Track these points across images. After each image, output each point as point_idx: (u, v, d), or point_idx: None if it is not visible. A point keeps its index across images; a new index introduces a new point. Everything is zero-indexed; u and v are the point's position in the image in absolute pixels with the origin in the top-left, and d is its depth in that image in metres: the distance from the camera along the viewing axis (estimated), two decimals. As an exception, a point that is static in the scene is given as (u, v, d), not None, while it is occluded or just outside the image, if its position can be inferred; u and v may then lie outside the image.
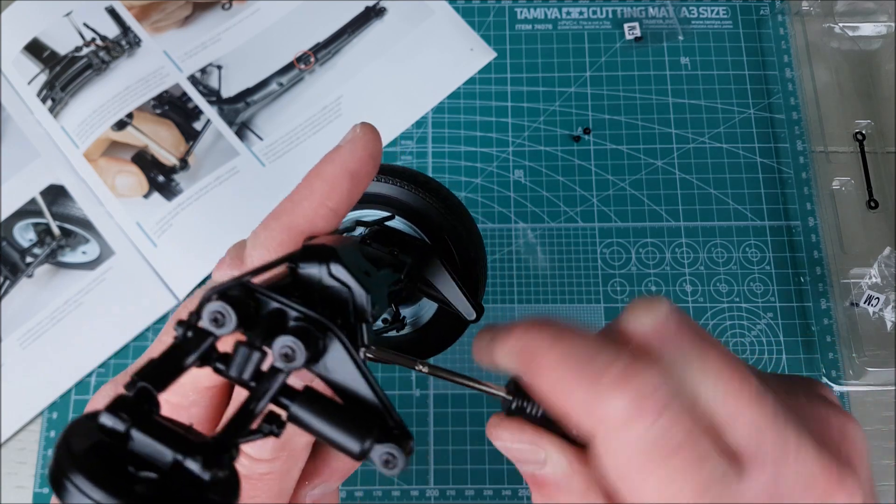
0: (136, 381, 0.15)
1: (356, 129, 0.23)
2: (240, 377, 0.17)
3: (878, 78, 0.53)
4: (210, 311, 0.17)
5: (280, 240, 0.21)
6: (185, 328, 0.17)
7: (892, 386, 0.47)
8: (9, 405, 0.48)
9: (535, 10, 0.56)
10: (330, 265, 0.19)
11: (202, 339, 0.17)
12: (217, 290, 0.17)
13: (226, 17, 0.56)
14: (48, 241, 0.51)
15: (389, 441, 0.17)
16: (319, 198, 0.22)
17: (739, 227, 0.50)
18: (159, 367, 0.16)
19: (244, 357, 0.17)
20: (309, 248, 0.20)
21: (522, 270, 0.50)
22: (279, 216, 0.22)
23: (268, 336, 0.17)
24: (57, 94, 0.54)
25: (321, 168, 0.22)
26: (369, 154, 0.23)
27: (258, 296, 0.18)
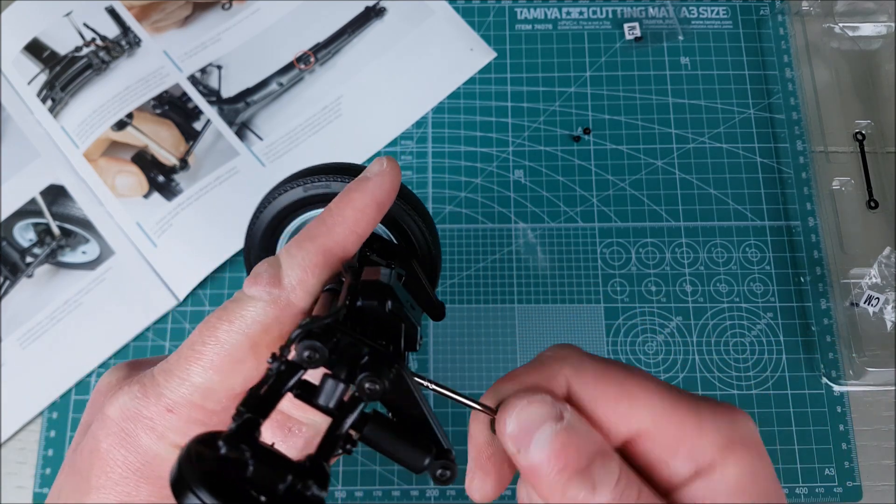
0: (243, 413, 0.17)
1: (383, 162, 0.26)
2: (326, 406, 0.19)
3: (878, 78, 0.53)
4: (305, 349, 0.19)
5: (316, 261, 0.23)
6: (279, 362, 0.19)
7: (892, 386, 0.47)
8: (9, 405, 0.48)
9: (535, 10, 0.56)
10: (388, 302, 0.22)
11: (294, 372, 0.19)
12: (311, 329, 0.19)
13: (226, 17, 0.56)
14: (48, 241, 0.51)
15: (443, 458, 0.20)
16: (351, 224, 0.24)
17: (739, 227, 0.50)
18: (260, 399, 0.18)
19: (332, 389, 0.19)
20: (368, 284, 0.22)
21: (522, 270, 0.50)
22: (314, 238, 0.24)
23: (351, 371, 0.19)
24: (57, 94, 0.54)
25: (352, 197, 0.25)
26: (394, 187, 0.25)
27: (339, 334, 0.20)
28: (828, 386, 0.47)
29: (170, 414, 0.22)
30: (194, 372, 0.22)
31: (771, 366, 0.48)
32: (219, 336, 0.22)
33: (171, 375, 0.22)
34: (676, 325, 0.48)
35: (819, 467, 0.45)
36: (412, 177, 0.52)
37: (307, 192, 0.30)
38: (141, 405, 0.22)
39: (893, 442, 0.46)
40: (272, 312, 0.22)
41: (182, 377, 0.22)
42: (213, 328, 0.22)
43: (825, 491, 0.45)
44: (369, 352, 0.20)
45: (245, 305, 0.23)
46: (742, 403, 0.47)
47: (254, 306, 0.22)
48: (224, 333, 0.22)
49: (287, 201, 0.30)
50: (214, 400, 0.22)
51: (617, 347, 0.48)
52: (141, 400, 0.22)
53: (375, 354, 0.20)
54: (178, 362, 0.23)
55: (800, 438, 0.46)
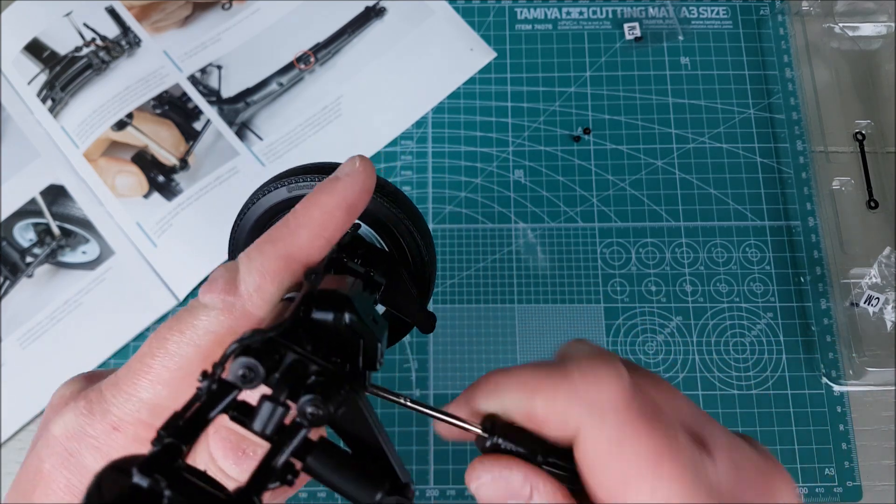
0: (164, 437, 0.15)
1: (355, 162, 0.23)
2: (263, 431, 0.17)
3: (878, 78, 0.53)
4: (240, 367, 0.17)
5: (276, 267, 0.21)
6: (210, 381, 0.17)
7: (892, 386, 0.47)
8: (9, 405, 0.48)
9: (535, 10, 0.56)
10: (345, 314, 0.20)
11: (226, 392, 0.17)
12: (244, 344, 0.17)
13: (226, 17, 0.56)
14: (48, 241, 0.51)
15: (397, 493, 0.18)
16: (317, 228, 0.22)
17: (739, 227, 0.50)
18: (185, 422, 0.16)
19: (269, 412, 0.17)
20: (325, 294, 0.20)
21: (522, 270, 0.50)
22: (275, 242, 0.22)
23: (293, 392, 0.17)
24: (57, 94, 0.54)
25: (319, 198, 0.22)
26: (366, 189, 0.23)
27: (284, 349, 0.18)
28: (828, 386, 0.47)
29: (115, 432, 0.21)
30: (142, 387, 0.21)
31: (771, 366, 0.48)
32: (168, 348, 0.21)
33: (119, 390, 0.21)
34: (676, 325, 0.48)
35: (819, 467, 0.45)
36: (412, 177, 0.52)
37: (291, 192, 0.28)
38: (86, 423, 0.21)
39: (893, 442, 0.46)
40: (226, 322, 0.21)
41: (129, 392, 0.21)
42: (163, 339, 0.21)
43: (825, 491, 0.45)
44: (317, 370, 0.18)
45: (197, 314, 0.21)
46: (742, 403, 0.47)
47: (206, 315, 0.21)
48: (174, 345, 0.21)
49: (271, 202, 0.29)
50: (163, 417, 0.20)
51: (617, 347, 0.48)
52: (86, 417, 0.21)
53: (324, 374, 0.18)
54: (126, 376, 0.21)
55: (800, 438, 0.46)
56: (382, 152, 0.53)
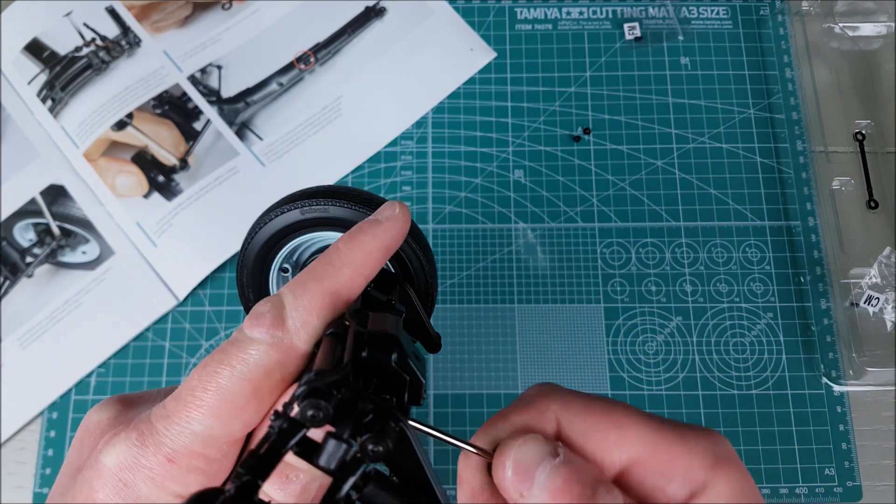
0: (242, 475, 0.17)
1: (395, 208, 0.25)
2: (327, 467, 0.18)
3: (878, 78, 0.53)
4: (310, 407, 0.18)
5: (322, 303, 0.23)
6: (282, 420, 0.18)
7: (892, 386, 0.47)
8: (9, 405, 0.48)
9: (535, 10, 0.56)
10: (393, 354, 0.21)
11: (296, 430, 0.18)
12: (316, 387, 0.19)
13: (226, 17, 0.56)
14: (48, 241, 0.51)
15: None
16: (359, 267, 0.23)
17: (739, 227, 0.50)
18: (261, 460, 0.17)
19: (334, 450, 0.18)
20: (375, 336, 0.22)
21: (522, 270, 0.50)
22: (321, 279, 0.23)
23: (355, 429, 0.19)
24: (57, 94, 0.54)
25: (361, 239, 0.24)
26: (404, 234, 0.25)
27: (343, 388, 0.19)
28: (828, 386, 0.47)
29: (170, 464, 0.21)
30: (195, 419, 0.21)
31: (771, 366, 0.48)
32: (220, 382, 0.21)
33: (171, 423, 0.21)
34: (676, 325, 0.48)
35: (819, 467, 0.45)
36: (412, 177, 0.52)
37: (304, 214, 0.29)
38: (140, 454, 0.21)
39: (893, 442, 0.46)
40: (275, 356, 0.22)
41: (182, 425, 0.21)
42: (213, 373, 0.22)
43: (825, 491, 0.45)
44: (373, 409, 0.19)
45: (246, 348, 0.22)
46: (742, 403, 0.47)
47: (256, 349, 0.22)
48: (225, 379, 0.21)
49: (283, 223, 0.30)
50: (215, 448, 0.22)
51: (617, 347, 0.48)
52: (139, 449, 0.21)
53: (379, 412, 0.19)
54: (177, 409, 0.22)
55: (800, 438, 0.46)
56: (382, 152, 0.53)
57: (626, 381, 0.47)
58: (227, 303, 0.50)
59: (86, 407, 0.48)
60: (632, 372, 0.47)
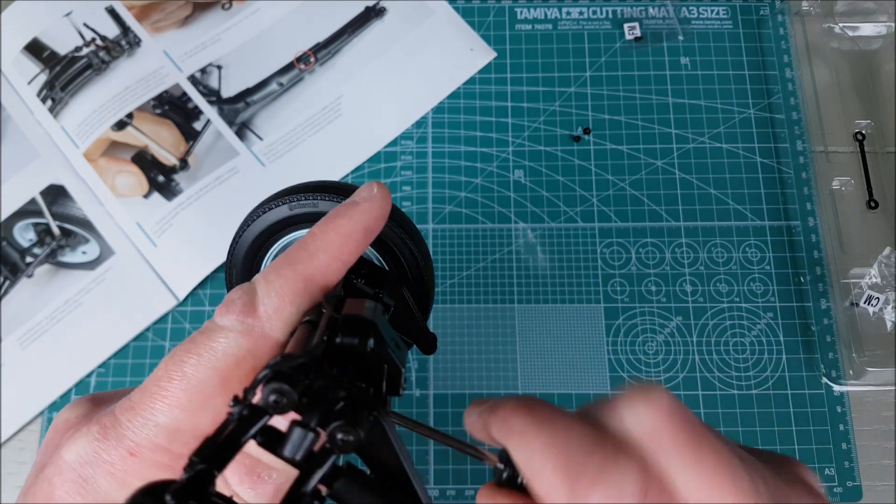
0: (196, 463, 0.15)
1: (373, 188, 0.24)
2: (293, 458, 0.17)
3: (878, 78, 0.53)
4: (272, 392, 0.17)
5: (296, 289, 0.22)
6: (241, 406, 0.17)
7: (892, 386, 0.47)
8: (9, 405, 0.48)
9: (535, 10, 0.56)
10: (370, 340, 0.20)
11: (258, 417, 0.17)
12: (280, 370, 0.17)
13: (226, 17, 0.56)
14: (48, 241, 0.51)
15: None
16: (335, 251, 0.22)
17: (739, 227, 0.50)
18: (218, 447, 0.16)
19: (300, 439, 0.17)
20: (350, 319, 0.20)
21: (522, 270, 0.50)
22: (294, 264, 0.22)
23: (324, 417, 0.17)
24: (57, 94, 0.54)
25: (337, 222, 0.23)
26: (383, 214, 0.23)
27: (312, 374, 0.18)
28: (828, 386, 0.47)
29: (132, 457, 0.20)
30: (159, 410, 0.20)
31: (771, 366, 0.48)
32: (186, 371, 0.20)
33: (134, 414, 0.20)
34: (676, 325, 0.48)
35: (819, 467, 0.45)
36: (412, 177, 0.52)
37: (293, 210, 0.28)
38: (100, 448, 0.20)
39: (893, 442, 0.46)
40: (245, 344, 0.21)
41: (146, 417, 0.20)
42: (179, 362, 0.20)
43: (825, 491, 0.45)
44: (345, 396, 0.18)
45: (215, 336, 0.21)
46: (742, 403, 0.47)
47: (225, 337, 0.21)
48: (191, 368, 0.20)
49: (272, 220, 0.29)
50: (181, 441, 0.20)
51: (617, 347, 0.48)
52: (101, 442, 0.20)
53: (352, 399, 0.18)
54: (141, 400, 0.21)
55: (800, 438, 0.46)
56: (382, 152, 0.53)
57: (626, 381, 0.47)
58: (227, 303, 0.50)
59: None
60: (632, 372, 0.47)
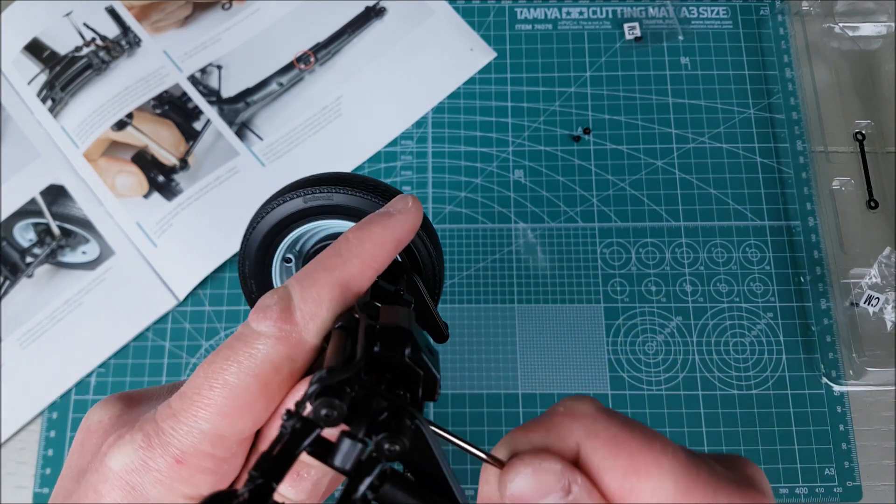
0: (256, 478, 0.16)
1: (408, 201, 0.24)
2: (343, 467, 0.18)
3: (878, 78, 0.53)
4: (324, 407, 0.18)
5: (332, 295, 0.22)
6: (294, 420, 0.18)
7: (892, 386, 0.47)
8: (9, 405, 0.48)
9: (535, 10, 0.56)
10: (407, 349, 0.21)
11: (310, 430, 0.18)
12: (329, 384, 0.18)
13: (226, 17, 0.56)
14: (48, 241, 0.51)
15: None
16: (368, 259, 0.23)
17: (739, 227, 0.50)
18: (274, 461, 0.17)
19: (349, 450, 0.18)
20: (387, 329, 0.21)
21: (522, 270, 0.50)
22: (330, 270, 0.22)
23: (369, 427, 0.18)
24: (57, 94, 0.54)
25: (372, 230, 0.23)
26: (415, 227, 0.24)
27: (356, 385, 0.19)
28: (828, 386, 0.47)
29: (178, 465, 0.21)
30: (202, 418, 0.21)
31: (771, 366, 0.48)
32: (227, 378, 0.21)
33: (178, 422, 0.21)
34: (676, 325, 0.48)
35: (819, 467, 0.45)
36: (412, 177, 0.52)
37: (307, 203, 0.29)
38: (147, 456, 0.21)
39: (893, 442, 0.46)
40: (283, 350, 0.21)
41: (190, 425, 0.21)
42: (219, 370, 0.21)
43: (825, 491, 0.45)
44: (388, 406, 0.19)
45: (253, 343, 0.21)
46: (742, 403, 0.47)
47: (263, 343, 0.21)
48: (232, 376, 0.21)
49: (286, 212, 0.29)
50: (224, 447, 0.21)
51: (617, 347, 0.48)
52: (146, 451, 0.21)
53: (395, 409, 0.19)
54: (183, 408, 0.21)
55: (800, 438, 0.46)
56: (382, 152, 0.53)
57: (626, 381, 0.47)
58: (227, 303, 0.50)
59: (86, 407, 0.48)
60: (632, 372, 0.47)
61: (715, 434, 0.46)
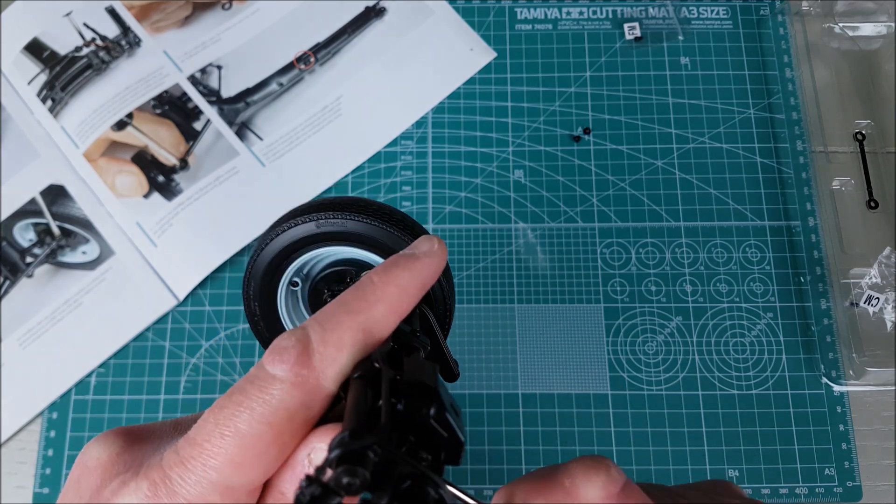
0: None
1: (434, 244, 0.23)
2: None
3: (878, 78, 0.53)
4: (345, 475, 0.17)
5: (354, 341, 0.21)
6: (314, 487, 0.17)
7: (892, 386, 0.47)
8: (9, 405, 0.48)
9: (535, 10, 0.56)
10: (431, 408, 0.19)
11: (328, 498, 0.17)
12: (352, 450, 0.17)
13: (226, 17, 0.56)
14: (48, 241, 0.51)
15: None
16: (393, 304, 0.21)
17: (739, 227, 0.50)
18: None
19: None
20: (412, 386, 0.20)
21: (522, 270, 0.50)
22: (354, 313, 0.21)
23: (393, 497, 0.17)
24: (57, 94, 0.54)
25: (397, 274, 0.22)
26: (440, 270, 0.23)
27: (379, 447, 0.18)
28: (828, 386, 0.47)
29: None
30: (211, 467, 0.20)
31: (771, 366, 0.48)
32: (238, 426, 0.20)
33: (185, 470, 0.20)
34: (676, 325, 0.48)
35: (819, 467, 0.45)
36: (412, 177, 0.52)
37: (320, 228, 0.27)
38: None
39: (893, 442, 0.46)
40: (299, 397, 0.20)
41: (199, 474, 0.20)
42: (231, 416, 0.20)
43: (825, 491, 0.45)
44: (412, 474, 0.18)
45: (267, 388, 0.20)
46: (742, 403, 0.47)
47: (278, 389, 0.20)
48: (244, 424, 0.19)
49: (297, 236, 0.28)
50: (233, 497, 0.20)
51: (617, 347, 0.48)
52: (153, 501, 0.20)
53: (418, 479, 0.18)
54: (192, 456, 0.20)
55: (800, 438, 0.46)
56: (382, 152, 0.53)
57: (626, 381, 0.47)
58: (227, 303, 0.50)
59: (86, 407, 0.48)
60: (632, 372, 0.47)
61: (715, 434, 0.46)
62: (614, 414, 0.47)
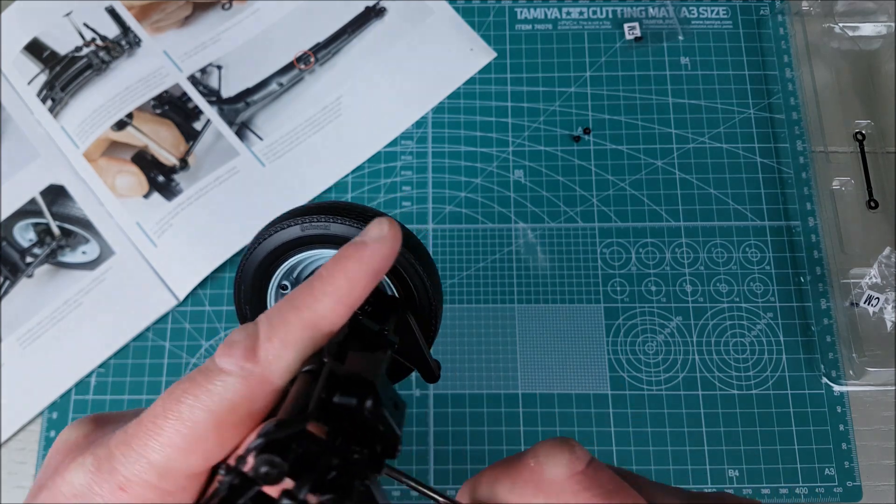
0: None
1: (383, 227, 0.23)
2: None
3: (878, 78, 0.53)
4: (263, 464, 0.17)
5: (299, 336, 0.21)
6: (232, 476, 0.17)
7: (892, 386, 0.47)
8: (9, 405, 0.48)
9: (535, 10, 0.56)
10: (367, 401, 0.20)
11: (247, 487, 0.17)
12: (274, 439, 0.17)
13: (226, 17, 0.56)
14: (48, 241, 0.51)
15: None
16: (342, 297, 0.21)
17: (739, 227, 0.50)
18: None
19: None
20: (349, 378, 0.20)
21: (522, 270, 0.50)
22: (298, 309, 0.21)
23: (316, 486, 0.17)
24: (57, 94, 0.54)
25: (345, 265, 0.22)
26: (393, 254, 0.23)
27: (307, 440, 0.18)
28: (828, 386, 0.47)
29: (121, 492, 0.20)
30: (151, 448, 0.20)
31: (771, 366, 0.48)
32: (181, 411, 0.20)
33: (128, 449, 0.20)
34: (676, 325, 0.48)
35: (819, 467, 0.45)
36: (412, 177, 0.52)
37: (304, 231, 0.28)
38: (93, 480, 0.20)
39: (893, 442, 0.46)
40: (242, 390, 0.20)
41: (139, 453, 0.20)
42: (176, 401, 0.20)
43: (825, 491, 0.45)
44: (338, 465, 0.18)
45: (213, 379, 0.20)
46: (742, 403, 0.47)
47: (223, 381, 0.20)
48: (187, 409, 0.20)
49: (282, 239, 0.29)
50: (171, 480, 0.20)
51: (617, 347, 0.48)
52: (94, 475, 0.20)
53: (345, 469, 0.18)
54: (136, 435, 0.20)
55: (800, 438, 0.46)
56: (382, 152, 0.53)
57: (626, 381, 0.47)
58: (227, 303, 0.50)
59: (86, 407, 0.48)
60: (632, 372, 0.47)
61: (715, 434, 0.46)
62: (614, 414, 0.47)
